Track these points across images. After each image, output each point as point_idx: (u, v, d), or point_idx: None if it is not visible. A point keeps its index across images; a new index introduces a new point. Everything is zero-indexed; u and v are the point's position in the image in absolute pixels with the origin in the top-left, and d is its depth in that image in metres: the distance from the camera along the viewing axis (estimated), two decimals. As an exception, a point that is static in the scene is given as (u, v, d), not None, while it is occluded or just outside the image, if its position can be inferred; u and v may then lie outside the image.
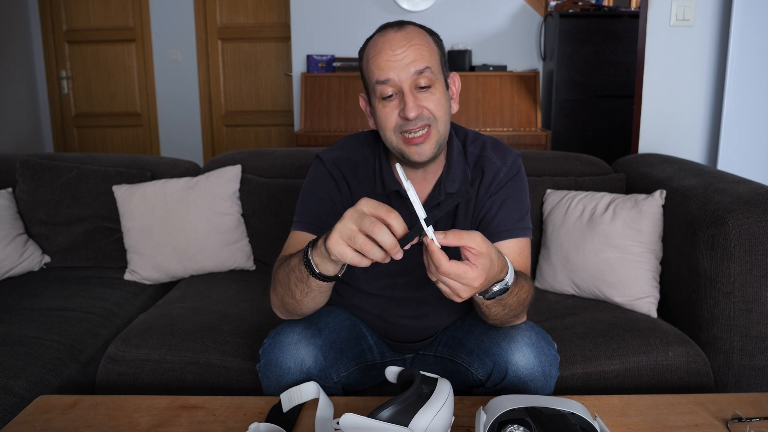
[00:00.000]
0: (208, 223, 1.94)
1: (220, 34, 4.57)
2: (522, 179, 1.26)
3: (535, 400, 0.91)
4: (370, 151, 1.27)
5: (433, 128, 1.13)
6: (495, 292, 0.99)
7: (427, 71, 1.10)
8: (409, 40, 1.11)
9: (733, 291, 1.47)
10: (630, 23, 3.57)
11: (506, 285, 0.98)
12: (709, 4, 2.27)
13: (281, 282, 1.08)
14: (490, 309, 1.05)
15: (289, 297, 1.08)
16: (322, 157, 1.28)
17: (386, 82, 1.10)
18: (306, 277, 1.00)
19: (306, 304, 1.08)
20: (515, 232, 1.21)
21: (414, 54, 1.10)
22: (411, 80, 1.10)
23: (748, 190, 1.56)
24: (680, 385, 1.47)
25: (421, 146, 1.12)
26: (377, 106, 1.13)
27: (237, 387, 1.47)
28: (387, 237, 0.84)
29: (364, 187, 1.25)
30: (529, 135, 3.60)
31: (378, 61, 1.10)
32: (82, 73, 4.71)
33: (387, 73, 1.10)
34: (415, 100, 1.10)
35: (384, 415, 0.86)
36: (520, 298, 1.07)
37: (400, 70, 1.09)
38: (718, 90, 2.32)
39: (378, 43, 1.12)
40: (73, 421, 1.05)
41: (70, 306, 1.73)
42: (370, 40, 1.15)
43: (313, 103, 3.76)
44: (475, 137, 1.28)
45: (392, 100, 1.12)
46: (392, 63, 1.09)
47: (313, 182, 1.27)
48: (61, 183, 2.04)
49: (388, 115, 1.12)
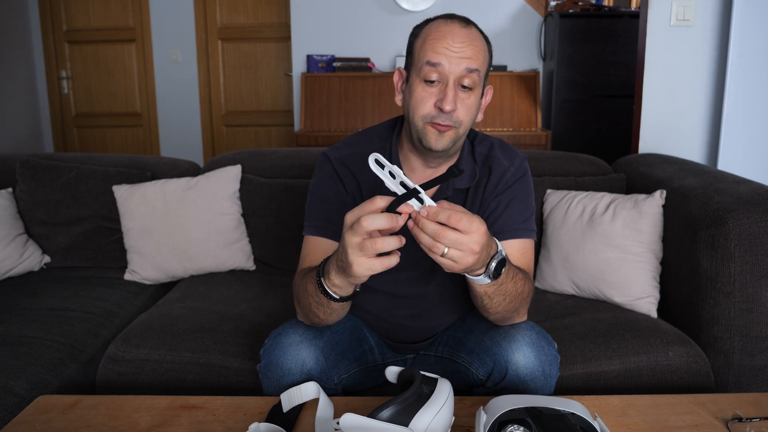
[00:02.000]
0: (208, 223, 1.94)
1: (220, 34, 4.57)
2: (528, 181, 1.27)
3: (535, 400, 0.91)
4: (381, 144, 1.28)
5: (456, 129, 1.15)
6: (496, 266, 0.97)
7: (475, 73, 1.12)
8: (472, 40, 1.13)
9: (733, 291, 1.47)
10: (630, 23, 3.57)
11: (502, 255, 0.98)
12: (709, 4, 2.27)
13: (302, 304, 1.13)
14: (492, 300, 1.05)
15: (313, 316, 1.12)
16: (328, 155, 1.29)
17: (437, 66, 1.11)
18: (326, 302, 1.04)
19: (332, 319, 1.13)
20: (519, 232, 1.22)
21: (471, 52, 1.12)
22: (459, 74, 1.12)
23: (748, 190, 1.56)
24: (680, 385, 1.47)
25: (442, 134, 1.14)
26: (416, 86, 1.14)
27: (237, 387, 1.47)
28: (380, 220, 0.85)
29: (372, 181, 1.25)
30: (529, 135, 3.60)
31: (436, 45, 1.12)
32: (82, 73, 4.71)
33: (441, 58, 1.11)
34: (454, 96, 1.12)
35: (384, 415, 0.86)
36: (518, 286, 1.07)
37: (454, 62, 1.11)
38: (718, 90, 2.32)
39: (442, 29, 1.14)
40: (73, 421, 1.05)
41: (70, 306, 1.73)
42: (432, 22, 1.17)
43: (313, 103, 3.76)
44: (484, 137, 1.30)
45: (433, 86, 1.13)
46: (450, 52, 1.11)
47: (320, 183, 1.28)
48: (61, 183, 2.04)
49: (425, 100, 1.13)
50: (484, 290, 1.03)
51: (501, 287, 1.03)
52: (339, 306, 1.06)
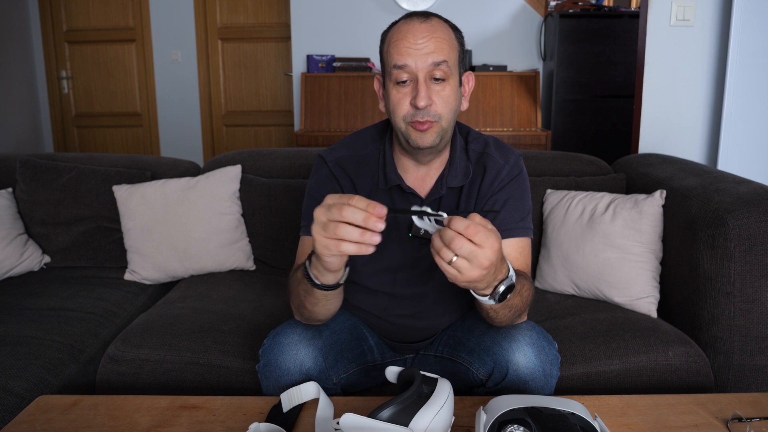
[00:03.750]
0: (208, 223, 1.94)
1: (220, 34, 4.57)
2: (524, 179, 1.27)
3: (535, 400, 0.91)
4: (375, 146, 1.28)
5: (437, 123, 1.15)
6: (503, 291, 0.97)
7: (444, 65, 1.13)
8: (433, 32, 1.13)
9: (733, 291, 1.47)
10: (630, 23, 3.57)
11: (512, 281, 0.98)
12: (709, 4, 2.27)
13: (293, 294, 1.14)
14: (498, 313, 1.06)
15: (302, 308, 1.13)
16: (324, 157, 1.29)
17: (403, 67, 1.13)
18: (310, 289, 1.04)
19: (319, 312, 1.12)
20: (516, 231, 1.22)
21: (434, 45, 1.12)
22: (427, 70, 1.12)
23: (748, 190, 1.56)
24: (680, 385, 1.47)
25: (425, 134, 1.15)
26: (391, 90, 1.16)
27: (237, 387, 1.47)
28: (356, 214, 0.85)
29: (367, 181, 1.26)
30: (529, 135, 3.60)
31: (399, 47, 1.13)
32: (82, 73, 4.71)
33: (406, 59, 1.12)
34: (427, 91, 1.12)
35: (384, 415, 0.86)
36: (524, 297, 1.08)
37: (419, 59, 1.12)
38: (718, 90, 2.32)
39: (402, 30, 1.15)
40: (73, 421, 1.05)
41: (70, 306, 1.73)
42: (395, 25, 1.18)
43: (313, 103, 3.76)
44: (478, 135, 1.30)
45: (406, 86, 1.14)
46: (412, 50, 1.12)
47: (316, 185, 1.28)
48: (61, 183, 2.04)
49: (401, 101, 1.15)
50: (490, 306, 1.03)
51: (507, 302, 1.03)
52: (322, 295, 1.05)
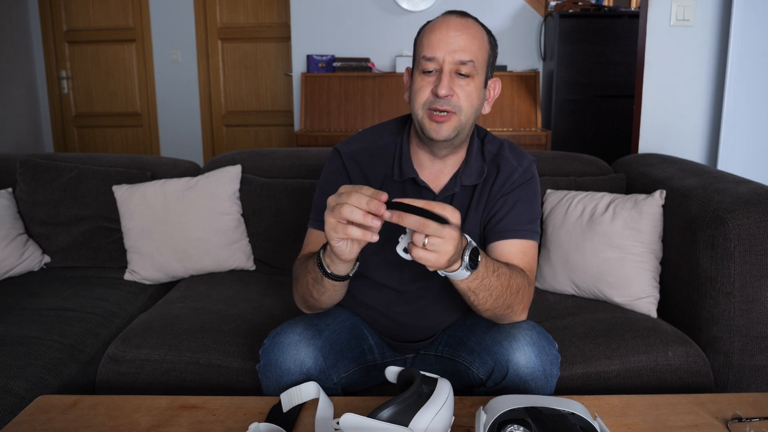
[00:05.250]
0: (208, 223, 1.94)
1: (220, 34, 4.57)
2: (535, 184, 1.28)
3: (535, 400, 0.91)
4: (392, 138, 1.29)
5: (456, 116, 1.16)
6: (470, 255, 0.99)
7: (471, 64, 1.14)
8: (466, 29, 1.15)
9: (733, 291, 1.47)
10: (630, 23, 3.56)
11: (472, 244, 1.00)
12: (709, 4, 2.27)
13: (300, 281, 1.17)
14: (477, 294, 1.07)
15: (308, 296, 1.17)
16: (339, 150, 1.31)
17: (431, 59, 1.14)
18: (320, 278, 1.08)
19: (324, 301, 1.17)
20: (522, 233, 1.22)
21: (465, 42, 1.14)
22: (454, 62, 1.14)
23: (748, 190, 1.56)
24: (680, 385, 1.47)
25: (441, 125, 1.16)
26: (416, 78, 1.18)
27: (237, 387, 1.47)
28: (361, 198, 0.89)
29: (382, 173, 1.27)
30: (529, 135, 3.60)
31: (431, 38, 1.15)
32: (82, 73, 4.71)
33: (435, 50, 1.14)
34: (450, 81, 1.14)
35: (384, 415, 0.86)
36: (502, 281, 1.08)
37: (447, 52, 1.13)
38: (718, 90, 2.32)
39: (437, 23, 1.17)
40: (73, 421, 1.05)
41: (70, 306, 1.73)
42: (432, 20, 1.20)
43: (313, 103, 3.76)
44: (494, 138, 1.32)
45: (431, 76, 1.16)
46: (443, 43, 1.13)
47: (327, 178, 1.30)
48: (61, 183, 2.04)
49: (423, 88, 1.16)
50: (467, 285, 1.04)
51: (483, 282, 1.04)
52: (330, 285, 1.09)
